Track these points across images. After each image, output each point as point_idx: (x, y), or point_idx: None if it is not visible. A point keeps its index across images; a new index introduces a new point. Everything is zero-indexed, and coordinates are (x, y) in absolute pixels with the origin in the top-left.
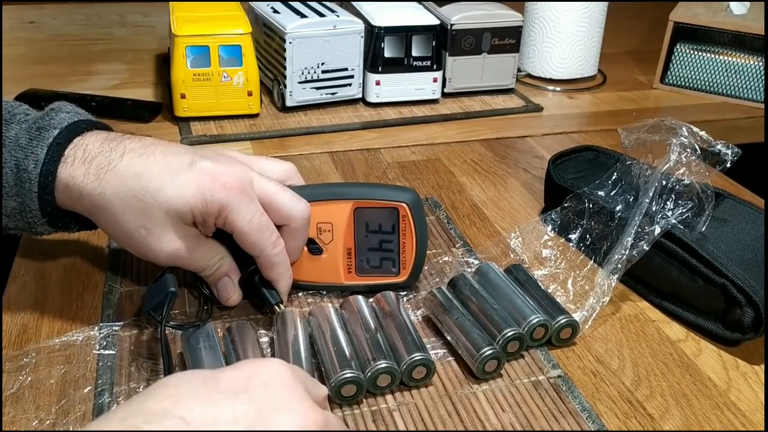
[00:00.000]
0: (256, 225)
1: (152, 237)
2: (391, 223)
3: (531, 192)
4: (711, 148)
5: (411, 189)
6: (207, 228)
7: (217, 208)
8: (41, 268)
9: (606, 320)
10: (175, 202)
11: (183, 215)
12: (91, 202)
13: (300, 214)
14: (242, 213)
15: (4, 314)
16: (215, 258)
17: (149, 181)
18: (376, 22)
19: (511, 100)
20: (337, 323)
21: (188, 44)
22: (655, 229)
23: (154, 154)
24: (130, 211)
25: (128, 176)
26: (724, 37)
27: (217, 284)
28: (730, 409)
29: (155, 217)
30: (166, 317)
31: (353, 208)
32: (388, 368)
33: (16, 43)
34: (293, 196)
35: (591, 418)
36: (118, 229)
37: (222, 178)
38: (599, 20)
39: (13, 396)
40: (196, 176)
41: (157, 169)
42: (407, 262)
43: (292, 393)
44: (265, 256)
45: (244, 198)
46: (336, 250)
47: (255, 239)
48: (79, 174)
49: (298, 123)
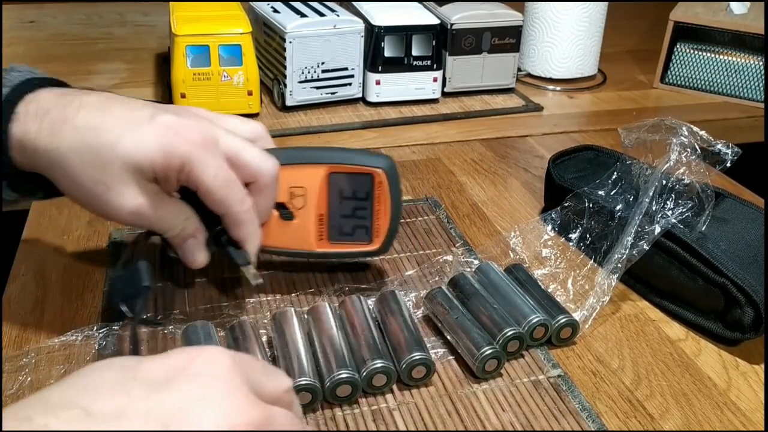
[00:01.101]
0: (222, 180)
1: (111, 193)
2: (365, 190)
3: (531, 191)
4: (711, 148)
5: (387, 156)
6: (169, 185)
7: (179, 163)
8: (41, 268)
9: (606, 320)
10: (135, 155)
11: (143, 170)
12: (47, 158)
13: (268, 171)
14: (207, 168)
15: (4, 314)
16: (180, 218)
17: (107, 134)
18: (376, 22)
19: (511, 99)
20: (335, 322)
21: (188, 44)
22: (655, 229)
23: (112, 108)
24: (87, 165)
25: (84, 130)
26: (724, 36)
27: (183, 246)
28: (730, 408)
29: (114, 172)
30: (140, 314)
31: (327, 173)
32: (384, 368)
33: (16, 43)
34: (260, 152)
35: (591, 417)
36: (76, 186)
37: (184, 131)
38: (599, 20)
39: (13, 396)
40: (156, 129)
41: (115, 122)
42: (380, 230)
43: (224, 385)
44: (232, 214)
45: (208, 152)
46: (308, 215)
47: (221, 195)
48: (32, 129)
49: (298, 122)
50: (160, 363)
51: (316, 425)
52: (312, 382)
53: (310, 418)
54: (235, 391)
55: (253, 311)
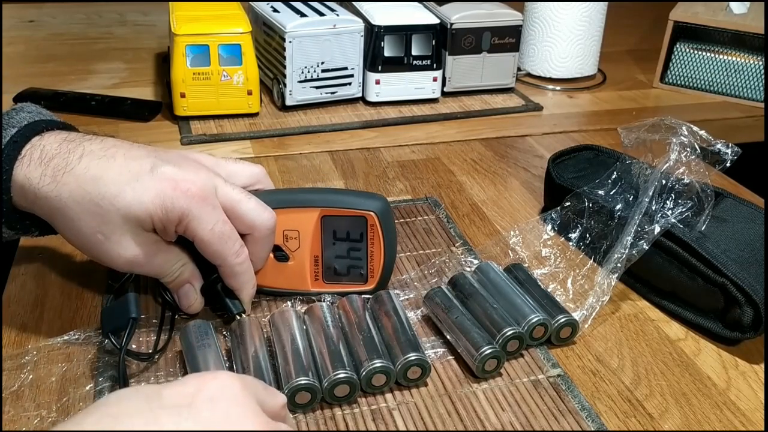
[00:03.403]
0: (218, 234)
1: (110, 242)
2: (359, 232)
3: (531, 191)
4: (711, 148)
5: (380, 196)
6: (168, 235)
7: (177, 216)
8: (41, 267)
9: (605, 319)
10: (134, 208)
11: (142, 222)
12: (47, 204)
13: (264, 224)
14: (204, 221)
15: (4, 313)
16: (176, 264)
17: (107, 186)
18: (375, 21)
19: (511, 99)
20: (333, 322)
21: (188, 43)
22: (655, 228)
23: (115, 157)
24: (87, 215)
25: (86, 179)
26: (724, 36)
27: (179, 291)
28: (729, 408)
29: (113, 223)
30: (126, 345)
31: (320, 216)
32: (383, 368)
33: (15, 42)
34: (258, 205)
35: (590, 417)
36: (75, 233)
37: (184, 185)
38: (599, 19)
39: (14, 394)
40: (156, 182)
41: (116, 173)
42: (375, 271)
43: (240, 408)
44: (228, 266)
45: (206, 206)
46: (303, 257)
47: (217, 248)
48: (35, 175)
49: (298, 122)
50: (180, 390)
51: (315, 425)
52: (311, 382)
53: (310, 417)
54: (252, 412)
55: (252, 311)
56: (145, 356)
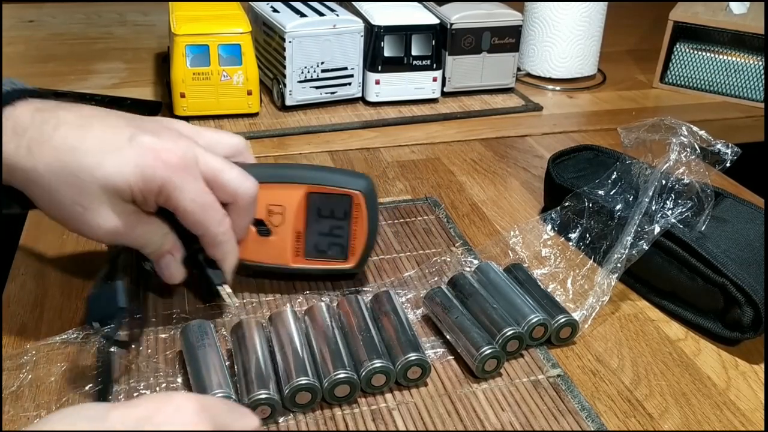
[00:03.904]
0: (200, 204)
1: (89, 214)
2: (343, 210)
3: (531, 191)
4: (711, 148)
5: (366, 176)
6: (148, 206)
7: (157, 186)
8: (41, 267)
9: (605, 319)
10: (113, 179)
11: (122, 192)
12: (24, 176)
13: (247, 192)
14: (185, 191)
15: (4, 313)
16: (157, 235)
17: (85, 156)
18: (375, 21)
19: (511, 99)
20: (333, 322)
21: (188, 43)
22: (655, 229)
23: (92, 126)
24: (65, 187)
25: (63, 150)
26: (724, 36)
27: (160, 262)
28: (729, 408)
29: (92, 194)
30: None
31: (306, 193)
32: (382, 368)
33: (15, 42)
34: (240, 173)
35: (590, 417)
36: (54, 205)
37: (163, 154)
38: (599, 19)
39: (13, 394)
40: (135, 152)
41: (94, 143)
42: (356, 249)
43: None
44: (210, 235)
45: (186, 176)
46: (285, 232)
47: (198, 218)
48: (10, 147)
49: (298, 122)
50: (128, 414)
51: (315, 425)
52: (312, 382)
53: (310, 417)
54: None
55: (252, 311)
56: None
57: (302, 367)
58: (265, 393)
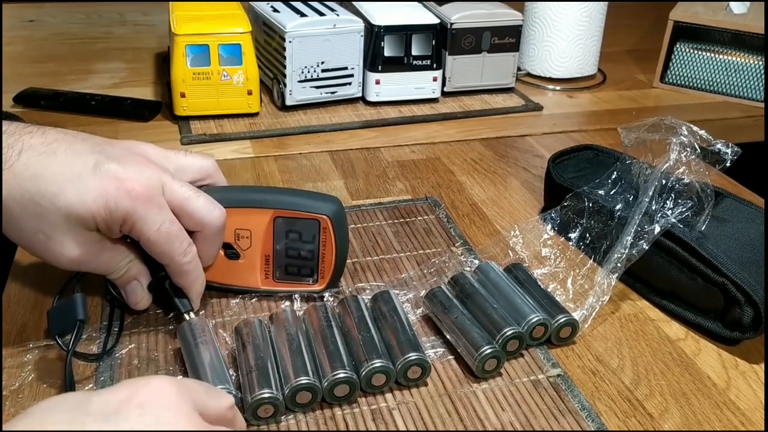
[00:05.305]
0: (165, 234)
1: (52, 242)
2: (311, 234)
3: (531, 191)
4: (711, 147)
5: (334, 198)
6: (112, 234)
7: (121, 216)
8: (41, 267)
9: (605, 319)
10: (76, 207)
11: (84, 221)
12: None
13: (214, 222)
14: (150, 222)
15: (4, 313)
16: (123, 262)
17: (47, 184)
18: (375, 21)
19: (511, 99)
20: (333, 322)
21: (188, 43)
22: (655, 228)
23: (56, 153)
24: (27, 215)
25: (25, 178)
26: (724, 36)
27: (126, 288)
28: (729, 408)
29: (54, 223)
30: (74, 347)
31: (273, 217)
32: (382, 368)
33: (15, 42)
34: (207, 202)
35: (590, 417)
36: (17, 232)
37: (128, 184)
38: (599, 19)
39: (15, 392)
40: (99, 181)
41: (57, 170)
42: (326, 272)
43: (172, 412)
44: (175, 265)
45: (151, 206)
46: (254, 256)
47: (164, 248)
48: None
49: (298, 122)
50: (109, 397)
51: (315, 425)
52: (312, 382)
53: (310, 417)
54: (185, 417)
55: (252, 311)
56: (93, 357)
57: (302, 366)
58: (269, 392)
